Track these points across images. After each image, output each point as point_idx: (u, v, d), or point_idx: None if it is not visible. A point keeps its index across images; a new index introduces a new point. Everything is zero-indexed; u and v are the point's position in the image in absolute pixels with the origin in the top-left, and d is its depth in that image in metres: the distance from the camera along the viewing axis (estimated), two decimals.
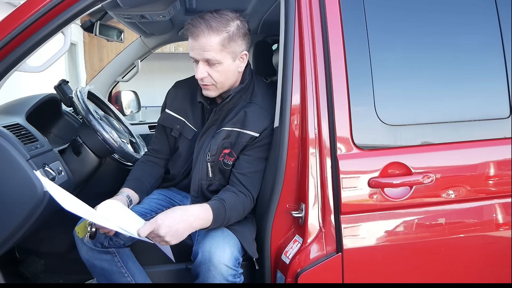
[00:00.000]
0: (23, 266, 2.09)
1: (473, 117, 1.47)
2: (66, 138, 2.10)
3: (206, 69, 1.49)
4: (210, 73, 1.50)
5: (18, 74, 1.53)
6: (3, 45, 1.37)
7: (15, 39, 1.38)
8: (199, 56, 1.48)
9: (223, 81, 1.53)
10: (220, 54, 1.47)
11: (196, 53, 1.48)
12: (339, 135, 1.39)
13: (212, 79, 1.51)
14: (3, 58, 1.39)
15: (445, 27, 1.50)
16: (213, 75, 1.50)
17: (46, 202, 1.48)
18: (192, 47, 1.49)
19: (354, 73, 1.41)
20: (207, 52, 1.46)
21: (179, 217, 1.34)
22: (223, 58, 1.48)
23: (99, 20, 2.15)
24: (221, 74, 1.51)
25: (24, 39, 1.39)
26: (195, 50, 1.48)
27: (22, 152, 1.48)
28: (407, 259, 1.45)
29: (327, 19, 1.41)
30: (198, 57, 1.48)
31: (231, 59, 1.51)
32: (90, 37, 9.03)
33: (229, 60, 1.50)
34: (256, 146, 1.55)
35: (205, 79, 1.51)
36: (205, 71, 1.49)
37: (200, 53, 1.47)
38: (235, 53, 1.51)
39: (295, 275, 1.39)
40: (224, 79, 1.52)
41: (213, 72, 1.50)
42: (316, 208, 1.41)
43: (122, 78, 2.79)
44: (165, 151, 1.76)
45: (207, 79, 1.51)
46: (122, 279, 1.56)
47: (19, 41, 1.39)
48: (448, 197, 1.44)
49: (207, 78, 1.51)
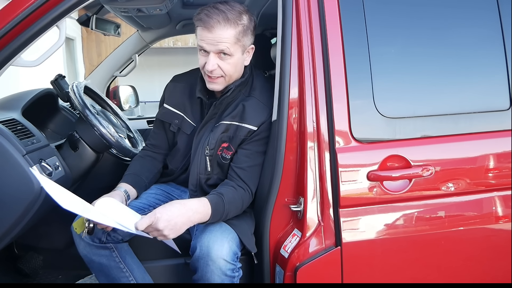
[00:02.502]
0: (22, 262, 2.10)
1: (473, 109, 1.46)
2: (63, 133, 2.09)
3: (216, 61, 1.47)
4: (221, 65, 1.48)
5: (17, 70, 1.51)
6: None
7: (9, 33, 1.37)
8: (212, 47, 1.45)
9: (232, 74, 1.52)
10: (233, 47, 1.46)
11: (208, 43, 1.45)
12: (337, 128, 1.38)
13: (222, 71, 1.49)
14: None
15: (444, 20, 1.48)
16: (223, 67, 1.49)
17: (43, 198, 1.47)
18: (204, 38, 1.45)
19: (352, 66, 1.39)
20: (222, 43, 1.44)
21: (177, 210, 1.33)
22: (236, 50, 1.48)
23: (96, 14, 2.13)
24: (231, 66, 1.50)
25: (18, 33, 1.38)
26: (207, 40, 1.45)
27: (18, 147, 1.47)
28: (406, 252, 1.45)
29: (325, 11, 1.40)
30: (211, 48, 1.45)
31: (240, 52, 1.50)
32: (88, 32, 8.99)
33: (239, 53, 1.50)
34: (254, 140, 1.54)
35: (215, 71, 1.49)
36: (215, 63, 1.47)
37: (214, 44, 1.45)
38: (245, 46, 1.51)
39: (294, 269, 1.39)
40: (233, 71, 1.52)
41: (224, 64, 1.48)
42: (315, 202, 1.41)
43: (119, 72, 2.78)
44: (164, 146, 1.75)
45: (217, 71, 1.49)
46: (121, 274, 1.56)
47: (13, 35, 1.37)
48: (448, 190, 1.43)
49: (217, 70, 1.49)
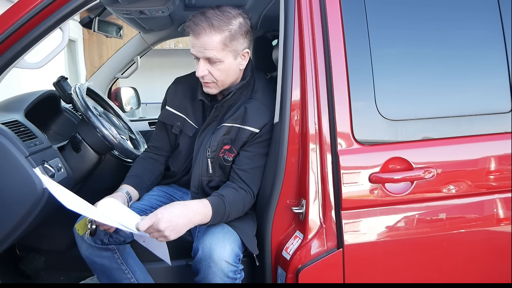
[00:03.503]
0: (24, 264, 2.10)
1: (474, 111, 1.46)
2: (65, 134, 2.10)
3: (207, 67, 1.48)
4: (211, 71, 1.49)
5: (18, 71, 1.52)
6: (0, 41, 1.37)
7: (13, 35, 1.38)
8: (200, 54, 1.47)
9: (224, 79, 1.52)
10: (221, 53, 1.46)
11: (197, 50, 1.47)
12: (339, 130, 1.39)
13: (213, 77, 1.50)
14: (1, 55, 1.39)
15: (446, 22, 1.49)
16: (214, 73, 1.49)
17: (46, 199, 1.48)
18: (193, 44, 1.47)
19: (354, 68, 1.40)
20: (208, 50, 1.45)
21: (178, 211, 1.33)
22: (224, 56, 1.47)
23: (98, 16, 2.14)
24: (222, 72, 1.50)
25: (22, 35, 1.39)
26: (196, 47, 1.47)
27: (21, 149, 1.48)
28: (408, 254, 1.45)
29: (327, 13, 1.40)
30: (199, 54, 1.47)
31: (232, 57, 1.49)
32: (89, 34, 9.01)
33: (230, 58, 1.49)
34: (256, 142, 1.54)
35: (206, 77, 1.50)
36: (205, 69, 1.48)
37: (201, 51, 1.46)
38: (236, 51, 1.50)
39: (295, 271, 1.39)
40: (225, 77, 1.52)
41: (214, 70, 1.49)
42: (316, 203, 1.41)
43: (121, 74, 2.78)
44: (166, 148, 1.75)
45: (207, 76, 1.50)
46: (122, 275, 1.56)
47: (17, 37, 1.39)
48: (449, 192, 1.44)
49: (208, 76, 1.50)
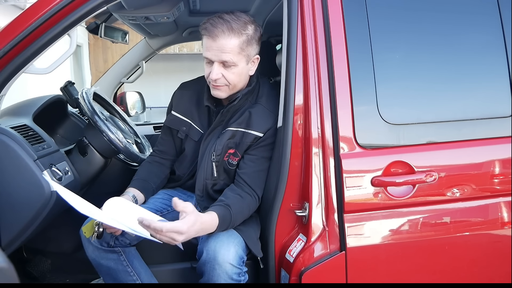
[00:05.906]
0: (31, 266, 2.12)
1: (475, 116, 1.47)
2: (72, 138, 2.12)
3: (221, 70, 1.49)
4: (225, 75, 1.50)
5: (25, 76, 1.55)
6: (10, 47, 1.39)
7: (22, 42, 1.40)
8: (215, 58, 1.47)
9: (236, 83, 1.53)
10: (237, 57, 1.47)
11: (212, 54, 1.47)
12: (342, 134, 1.40)
13: (226, 80, 1.51)
14: (11, 60, 1.41)
15: (447, 27, 1.50)
16: (227, 76, 1.50)
17: (53, 202, 1.50)
18: (208, 47, 1.47)
19: (356, 73, 1.41)
20: (225, 53, 1.45)
21: (197, 229, 1.32)
22: (239, 60, 1.49)
23: (104, 22, 2.17)
24: (236, 76, 1.51)
25: (31, 41, 1.41)
26: (212, 50, 1.46)
27: (30, 152, 1.50)
28: (410, 257, 1.45)
29: (329, 19, 1.42)
30: (214, 58, 1.47)
31: (245, 62, 1.51)
32: (95, 39, 9.05)
33: (243, 63, 1.51)
34: (260, 145, 1.56)
35: (219, 80, 1.50)
36: (219, 73, 1.49)
37: (218, 54, 1.46)
38: (249, 56, 1.52)
39: (299, 273, 1.40)
40: (237, 81, 1.53)
41: (228, 73, 1.50)
42: (319, 207, 1.42)
43: (127, 79, 2.80)
44: (171, 152, 1.77)
45: (221, 80, 1.50)
46: (128, 278, 1.58)
47: (26, 43, 1.41)
48: (451, 196, 1.44)
49: (221, 79, 1.50)
